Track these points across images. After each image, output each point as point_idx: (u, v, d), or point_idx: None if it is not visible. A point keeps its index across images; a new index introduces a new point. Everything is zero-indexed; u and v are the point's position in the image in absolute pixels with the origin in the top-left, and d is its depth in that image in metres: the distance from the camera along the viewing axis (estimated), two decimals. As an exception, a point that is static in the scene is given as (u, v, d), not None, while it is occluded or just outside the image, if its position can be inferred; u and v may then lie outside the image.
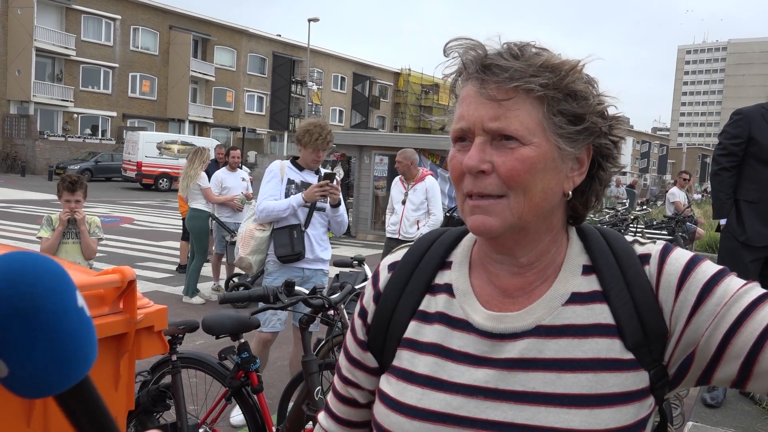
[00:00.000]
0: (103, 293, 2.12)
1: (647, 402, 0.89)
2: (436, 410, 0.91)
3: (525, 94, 0.86)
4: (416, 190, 6.41)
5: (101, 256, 10.71)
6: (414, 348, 0.98)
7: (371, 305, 1.06)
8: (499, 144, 0.88)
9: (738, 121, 4.53)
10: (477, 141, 0.88)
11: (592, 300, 0.92)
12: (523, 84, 0.86)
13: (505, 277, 0.96)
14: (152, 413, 3.21)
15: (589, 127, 0.90)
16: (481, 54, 0.89)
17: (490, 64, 0.87)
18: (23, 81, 37.29)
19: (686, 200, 11.56)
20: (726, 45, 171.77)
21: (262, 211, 4.19)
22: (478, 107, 0.88)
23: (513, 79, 0.86)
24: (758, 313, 0.84)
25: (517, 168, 0.87)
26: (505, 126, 0.86)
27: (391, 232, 6.53)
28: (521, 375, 0.89)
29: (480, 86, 0.88)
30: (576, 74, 0.89)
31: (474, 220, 0.90)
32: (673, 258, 0.91)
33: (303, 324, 3.22)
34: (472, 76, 0.90)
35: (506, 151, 0.87)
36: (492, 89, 0.87)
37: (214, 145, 13.56)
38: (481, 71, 0.88)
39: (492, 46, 0.90)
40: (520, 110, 0.87)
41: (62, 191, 4.45)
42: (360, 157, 15.30)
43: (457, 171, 0.92)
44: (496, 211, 0.88)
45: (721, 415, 4.28)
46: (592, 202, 0.98)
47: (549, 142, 0.88)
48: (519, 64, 0.86)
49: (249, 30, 49.81)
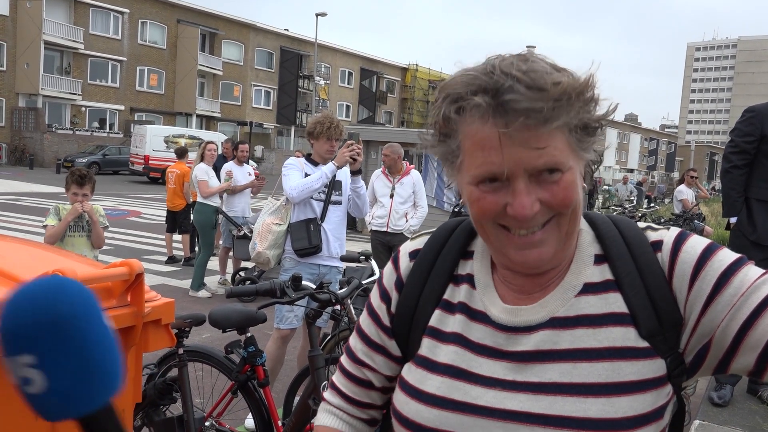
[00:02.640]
0: (111, 286, 2.12)
1: (665, 390, 0.89)
2: (455, 399, 0.92)
3: (557, 129, 0.83)
4: (403, 183, 6.53)
5: (108, 249, 10.74)
6: (436, 337, 0.98)
7: (394, 293, 1.06)
8: (539, 179, 0.84)
9: (750, 119, 4.49)
10: (520, 185, 0.83)
11: (605, 289, 0.91)
12: (562, 123, 0.82)
13: (525, 280, 0.96)
14: (159, 406, 3.22)
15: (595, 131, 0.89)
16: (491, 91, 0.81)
17: (512, 108, 0.80)
18: (32, 74, 37.40)
19: (694, 198, 11.50)
20: (736, 42, 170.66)
21: (294, 189, 4.17)
22: (511, 150, 0.82)
23: (549, 120, 0.81)
24: None
25: (569, 196, 0.85)
26: (552, 160, 0.83)
27: (378, 225, 6.58)
28: (537, 367, 0.89)
29: (505, 127, 0.81)
30: (591, 91, 0.86)
31: (526, 255, 0.87)
32: (689, 246, 0.90)
33: (309, 319, 3.22)
34: (491, 119, 0.82)
35: (550, 185, 0.84)
36: (520, 130, 0.81)
37: (222, 139, 13.60)
38: (505, 112, 0.81)
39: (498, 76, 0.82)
40: (556, 142, 0.84)
41: (71, 184, 4.46)
42: (367, 152, 15.28)
43: (491, 212, 0.86)
44: (547, 238, 0.87)
45: (728, 414, 4.26)
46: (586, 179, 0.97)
47: (577, 158, 0.87)
48: (548, 102, 0.80)
49: (257, 24, 49.79)
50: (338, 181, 4.41)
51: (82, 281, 1.89)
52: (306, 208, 4.29)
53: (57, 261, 2.24)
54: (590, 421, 0.85)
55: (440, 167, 11.10)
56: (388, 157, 6.53)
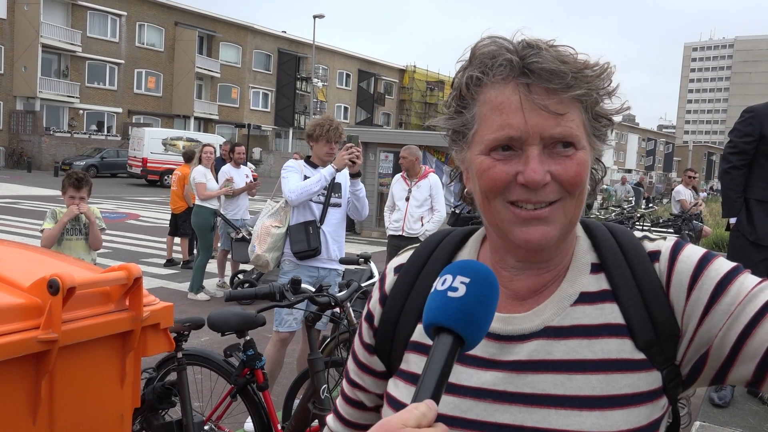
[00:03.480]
0: (109, 291, 2.11)
1: (660, 403, 0.87)
2: (444, 414, 0.89)
3: (576, 100, 0.84)
4: (420, 186, 6.41)
5: (107, 252, 10.72)
6: (422, 351, 0.96)
7: (377, 308, 1.04)
8: (552, 152, 0.84)
9: (749, 119, 4.49)
10: (534, 152, 0.83)
11: (602, 299, 0.90)
12: (583, 92, 0.83)
13: (520, 279, 0.94)
14: (158, 410, 3.21)
15: (608, 125, 0.90)
16: (517, 54, 0.84)
17: (540, 68, 0.82)
18: (29, 77, 37.37)
19: (692, 198, 11.50)
20: (733, 42, 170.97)
21: (293, 192, 4.16)
22: (531, 115, 0.83)
23: (571, 87, 0.82)
24: None
25: (581, 174, 0.85)
26: (567, 131, 0.83)
27: (394, 229, 6.50)
28: (530, 377, 0.87)
29: (527, 91, 0.83)
30: (610, 78, 0.88)
31: (531, 232, 0.86)
32: (685, 255, 0.89)
33: (309, 322, 3.21)
34: (509, 80, 0.84)
35: (564, 158, 0.84)
36: (541, 95, 0.82)
37: (221, 141, 13.58)
38: (527, 75, 0.83)
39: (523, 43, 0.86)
40: (574, 115, 0.84)
41: (68, 187, 4.44)
42: (365, 154, 15.27)
43: (501, 182, 0.85)
44: (555, 217, 0.86)
45: (729, 415, 4.25)
46: (589, 199, 0.96)
47: (590, 143, 0.88)
48: (568, 68, 0.82)
49: (254, 26, 49.80)
50: (337, 184, 4.40)
51: (80, 286, 1.88)
52: (305, 210, 4.29)
53: (55, 265, 2.23)
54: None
55: (438, 168, 11.09)
56: (406, 160, 6.41)
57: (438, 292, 0.75)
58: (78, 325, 1.94)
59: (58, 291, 1.82)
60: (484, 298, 0.74)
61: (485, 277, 0.75)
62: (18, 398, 1.83)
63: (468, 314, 0.72)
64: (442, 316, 0.72)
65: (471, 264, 0.76)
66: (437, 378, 0.69)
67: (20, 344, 1.77)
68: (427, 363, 0.71)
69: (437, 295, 0.74)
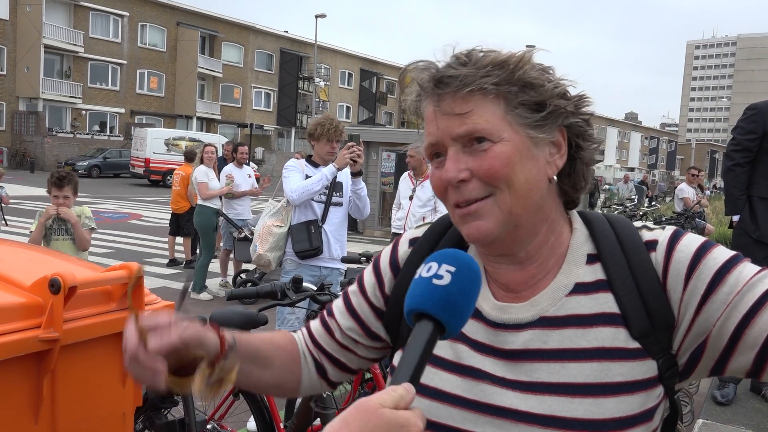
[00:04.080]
0: (111, 290, 2.11)
1: (655, 392, 0.88)
2: (446, 390, 0.93)
3: (482, 96, 0.88)
4: (424, 186, 6.40)
5: (109, 251, 10.74)
6: None
7: (388, 273, 1.08)
8: (471, 149, 0.88)
9: (752, 116, 4.48)
10: (450, 152, 0.89)
11: (597, 289, 0.91)
12: (475, 86, 0.87)
13: (506, 274, 0.96)
14: (160, 409, 3.21)
15: (553, 111, 0.90)
16: (433, 72, 0.91)
17: (442, 76, 0.89)
18: (32, 78, 37.43)
19: (695, 196, 11.48)
20: (735, 40, 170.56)
21: (294, 191, 4.16)
22: (441, 120, 0.89)
23: (466, 85, 0.87)
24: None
25: (495, 165, 0.87)
26: (473, 127, 0.87)
27: (397, 227, 6.54)
28: (526, 365, 0.90)
29: (438, 101, 0.90)
30: (525, 65, 0.90)
31: (468, 228, 0.90)
32: (683, 245, 0.90)
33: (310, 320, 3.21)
34: (429, 94, 0.92)
35: (480, 154, 0.88)
36: (449, 101, 0.89)
37: (223, 141, 13.58)
38: (436, 86, 0.90)
39: (444, 60, 0.92)
40: (482, 111, 0.87)
41: (50, 187, 4.39)
42: (367, 153, 15.28)
43: (440, 187, 0.92)
44: (485, 211, 0.89)
45: (732, 412, 4.25)
46: (581, 184, 0.97)
47: (518, 134, 0.89)
48: (468, 70, 0.88)
49: (256, 26, 49.82)
50: (339, 183, 4.40)
51: (81, 285, 1.88)
52: (307, 210, 4.29)
53: (57, 264, 2.23)
54: (577, 421, 0.85)
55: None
56: (414, 158, 6.42)
57: (423, 278, 0.77)
58: (79, 324, 1.94)
59: (59, 290, 1.82)
60: (467, 288, 0.76)
61: (470, 268, 0.77)
62: (20, 397, 1.83)
63: (452, 303, 0.74)
64: (426, 303, 0.74)
65: (457, 253, 0.79)
66: (416, 363, 0.71)
67: (22, 343, 1.77)
68: (406, 348, 0.72)
69: (422, 281, 0.76)
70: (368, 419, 0.62)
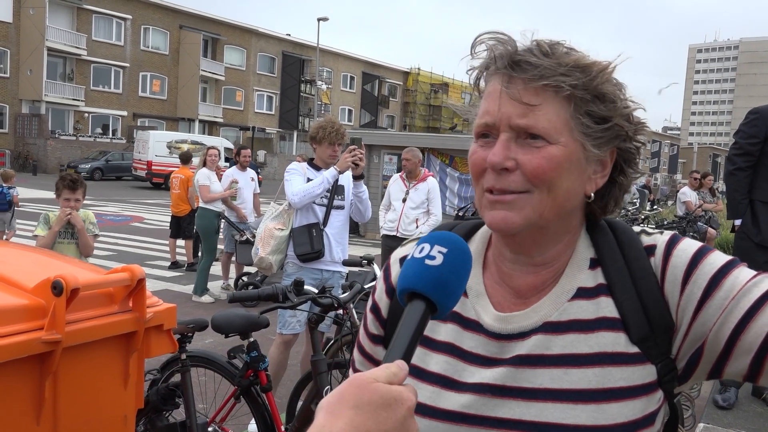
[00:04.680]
0: (113, 292, 2.12)
1: (655, 396, 0.88)
2: (446, 409, 0.91)
3: (554, 93, 0.86)
4: (418, 189, 6.47)
5: (111, 254, 10.75)
6: (427, 346, 0.97)
7: (384, 299, 1.05)
8: (524, 142, 0.86)
9: (754, 121, 4.48)
10: (502, 138, 0.87)
11: (598, 294, 0.91)
12: (552, 82, 0.85)
13: (519, 276, 0.95)
14: (161, 412, 3.22)
15: (614, 129, 0.89)
16: (511, 49, 0.88)
17: (520, 60, 0.86)
18: (35, 80, 37.51)
19: (698, 200, 11.46)
20: (737, 43, 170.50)
21: (296, 195, 4.16)
22: (504, 103, 0.86)
23: (543, 77, 0.85)
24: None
25: (544, 166, 0.86)
26: (533, 124, 0.85)
27: (388, 229, 6.56)
28: (529, 372, 0.89)
29: (507, 82, 0.87)
30: (606, 76, 0.88)
31: (494, 215, 0.89)
32: (680, 249, 0.89)
33: (312, 323, 3.22)
34: (500, 71, 0.88)
35: (532, 150, 0.86)
36: (519, 86, 0.86)
37: (226, 144, 13.57)
38: (509, 67, 0.87)
39: (522, 43, 0.89)
40: (548, 108, 0.86)
41: (62, 190, 4.39)
42: (369, 156, 15.29)
43: (478, 167, 0.90)
44: (518, 206, 0.87)
45: (733, 416, 4.24)
46: (611, 207, 0.97)
47: (575, 142, 0.87)
48: (549, 62, 0.85)
49: (258, 29, 49.88)
50: (341, 186, 4.40)
51: (84, 287, 1.88)
52: (308, 213, 4.29)
53: (59, 267, 2.24)
54: (581, 428, 0.85)
55: (442, 171, 11.08)
56: (410, 161, 6.47)
57: (415, 259, 0.77)
58: (82, 326, 1.95)
59: (62, 292, 1.83)
60: (459, 268, 0.77)
61: (461, 249, 0.78)
62: (22, 399, 1.84)
63: (444, 282, 0.75)
64: (419, 283, 0.75)
65: (449, 235, 0.79)
66: (409, 340, 0.71)
67: (24, 345, 1.78)
68: (399, 327, 0.73)
69: (414, 262, 0.77)
70: (362, 393, 0.63)
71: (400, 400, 0.64)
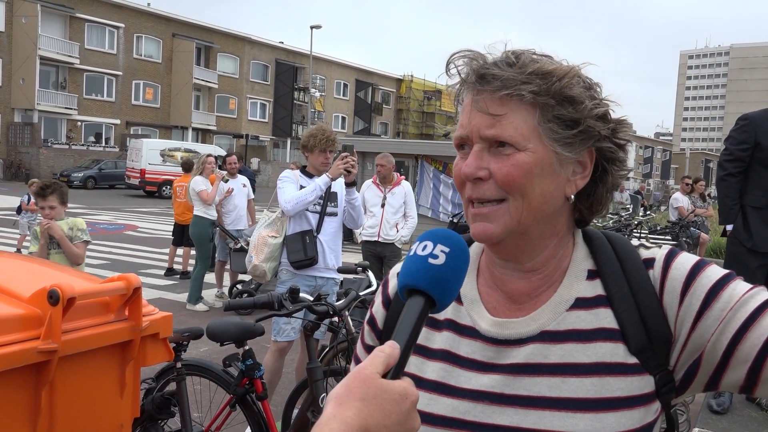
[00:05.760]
0: (109, 301, 2.12)
1: (653, 407, 0.89)
2: (443, 415, 0.92)
3: (518, 101, 0.88)
4: (395, 193, 6.56)
5: (105, 263, 10.72)
6: (423, 354, 0.98)
7: (380, 311, 1.07)
8: (495, 151, 0.89)
9: (744, 127, 4.52)
10: (475, 149, 0.91)
11: (596, 305, 0.92)
12: (513, 91, 0.87)
13: (511, 281, 0.97)
14: (157, 420, 3.21)
15: (586, 130, 0.90)
16: (478, 65, 0.91)
17: (485, 73, 0.90)
18: (27, 89, 37.41)
19: (690, 205, 11.53)
20: (728, 50, 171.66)
21: (288, 202, 4.17)
22: (474, 116, 0.90)
23: (504, 87, 0.88)
24: (764, 318, 0.84)
25: (513, 173, 0.88)
26: (500, 133, 0.88)
27: (369, 235, 6.59)
28: (526, 380, 0.90)
29: (475, 95, 0.91)
30: (567, 80, 0.89)
31: (476, 227, 0.92)
32: (678, 263, 0.91)
33: (307, 331, 3.22)
34: (469, 86, 0.92)
35: (502, 158, 0.89)
36: (486, 99, 0.89)
37: (220, 152, 13.56)
38: (477, 81, 0.90)
39: (493, 55, 0.92)
40: (514, 117, 0.88)
41: (35, 197, 4.17)
42: (362, 163, 15.31)
43: (458, 178, 0.94)
44: (495, 216, 0.90)
45: (728, 421, 4.26)
46: (598, 207, 0.98)
47: (545, 148, 0.89)
48: (511, 72, 0.88)
49: (251, 37, 49.94)
50: (333, 193, 4.42)
51: (80, 296, 1.88)
52: (301, 220, 4.30)
53: (55, 276, 2.24)
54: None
55: (435, 177, 11.08)
56: (385, 167, 6.54)
57: (418, 256, 0.80)
58: (78, 335, 1.95)
59: (58, 301, 1.83)
60: (459, 268, 0.80)
61: (462, 249, 0.81)
62: (18, 408, 1.84)
63: (445, 281, 0.78)
64: (421, 280, 0.78)
65: (451, 234, 0.82)
66: (409, 333, 0.75)
67: (20, 354, 1.78)
68: (400, 320, 0.77)
69: (417, 259, 0.80)
70: (367, 387, 0.68)
71: (404, 395, 0.69)
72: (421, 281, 0.77)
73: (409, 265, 0.80)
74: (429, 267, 0.78)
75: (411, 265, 0.80)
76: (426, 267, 0.78)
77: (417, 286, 0.78)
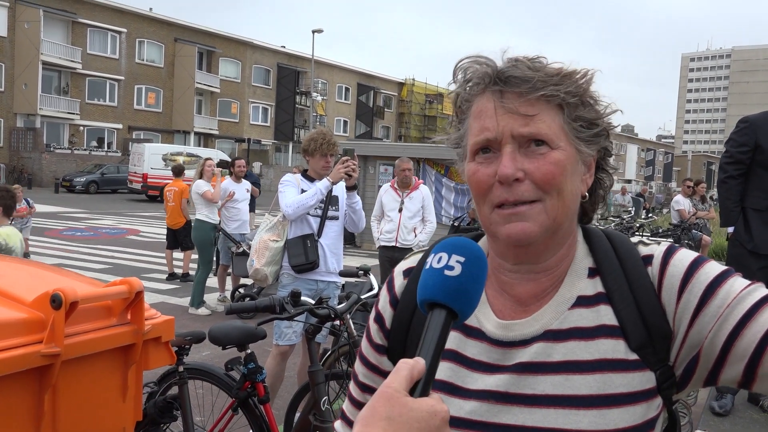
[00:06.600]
0: (111, 305, 2.13)
1: (655, 402, 0.90)
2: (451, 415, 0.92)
3: (546, 102, 0.90)
4: (412, 198, 6.48)
5: (107, 267, 10.73)
6: None
7: (388, 310, 1.07)
8: (528, 150, 0.90)
9: (744, 129, 4.52)
10: (507, 150, 0.90)
11: (597, 302, 0.93)
12: (547, 92, 0.89)
13: (519, 285, 0.97)
14: (159, 424, 3.22)
15: (602, 130, 0.94)
16: (494, 68, 0.92)
17: (509, 76, 0.90)
18: (30, 94, 37.51)
19: (691, 207, 11.52)
20: (730, 52, 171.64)
21: (290, 206, 4.17)
22: (502, 117, 0.90)
23: (537, 89, 0.89)
24: (762, 314, 0.85)
25: (553, 171, 0.89)
26: (536, 131, 0.89)
27: (387, 240, 6.51)
28: (531, 379, 0.91)
29: (501, 98, 0.90)
30: (588, 80, 0.93)
31: (511, 228, 0.90)
32: (677, 259, 0.92)
33: (309, 334, 3.23)
34: (489, 89, 0.92)
35: (537, 157, 0.89)
36: (514, 100, 0.89)
37: (222, 156, 13.57)
38: (500, 83, 0.90)
39: (501, 61, 0.93)
40: (544, 116, 0.90)
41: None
42: (365, 167, 15.32)
43: (484, 183, 0.92)
44: (532, 215, 0.90)
45: (730, 423, 4.25)
46: (595, 206, 1.01)
47: (571, 146, 0.92)
48: (539, 74, 0.89)
49: (253, 42, 50.04)
50: (335, 197, 4.43)
51: (82, 300, 1.90)
52: (303, 224, 4.31)
53: (58, 280, 2.25)
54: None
55: (438, 181, 11.10)
56: (411, 171, 6.49)
57: (434, 269, 0.79)
58: (80, 339, 1.96)
59: (60, 305, 1.84)
60: (477, 277, 0.78)
61: (478, 257, 0.79)
62: (22, 412, 1.85)
63: (464, 292, 0.77)
64: (440, 294, 0.77)
65: (465, 242, 0.80)
66: (434, 347, 0.74)
67: (24, 358, 1.79)
68: (423, 335, 0.75)
69: (434, 272, 0.79)
70: (392, 406, 0.66)
71: (433, 413, 0.68)
72: (440, 295, 0.77)
73: (426, 279, 0.79)
74: (446, 279, 0.77)
75: (428, 279, 0.79)
76: (443, 279, 0.77)
77: (436, 300, 0.77)
